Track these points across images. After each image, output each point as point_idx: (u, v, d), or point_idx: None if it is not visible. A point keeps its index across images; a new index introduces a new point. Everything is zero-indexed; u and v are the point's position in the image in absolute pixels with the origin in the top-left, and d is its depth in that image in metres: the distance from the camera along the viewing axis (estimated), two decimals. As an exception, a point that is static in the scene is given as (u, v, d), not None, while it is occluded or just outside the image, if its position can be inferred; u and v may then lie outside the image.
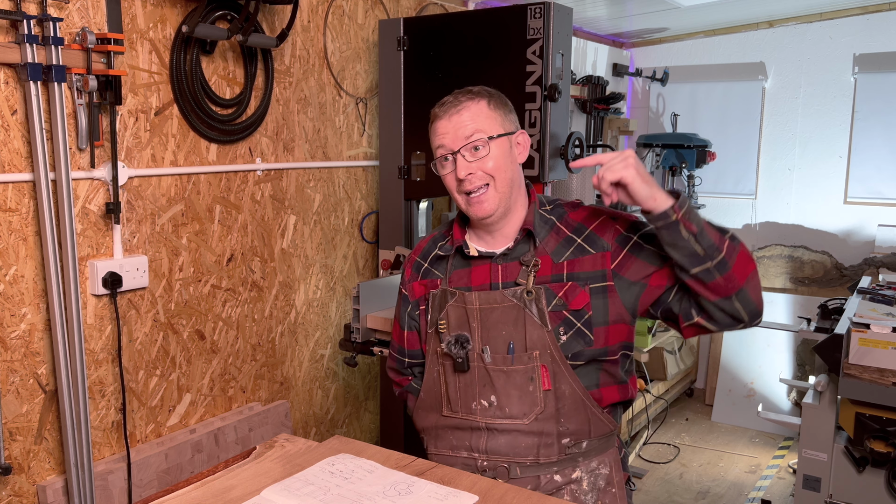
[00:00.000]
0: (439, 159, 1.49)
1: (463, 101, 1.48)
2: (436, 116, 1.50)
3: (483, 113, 1.48)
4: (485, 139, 1.46)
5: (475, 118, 1.46)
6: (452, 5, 3.34)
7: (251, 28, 2.29)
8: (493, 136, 1.47)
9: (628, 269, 1.45)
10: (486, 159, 1.45)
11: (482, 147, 1.46)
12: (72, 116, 1.96)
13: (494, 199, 1.46)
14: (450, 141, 1.46)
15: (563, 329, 1.45)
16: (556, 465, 1.48)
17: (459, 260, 1.56)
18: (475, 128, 1.46)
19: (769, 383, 4.25)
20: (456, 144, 1.45)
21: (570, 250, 1.48)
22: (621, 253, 1.46)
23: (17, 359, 1.93)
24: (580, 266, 1.46)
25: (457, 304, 1.51)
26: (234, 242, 2.50)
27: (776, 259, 4.44)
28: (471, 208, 1.48)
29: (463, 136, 1.45)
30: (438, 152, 1.49)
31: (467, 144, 1.45)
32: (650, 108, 4.82)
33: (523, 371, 1.46)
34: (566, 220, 1.52)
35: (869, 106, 4.08)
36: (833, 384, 2.58)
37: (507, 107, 1.53)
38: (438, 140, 1.48)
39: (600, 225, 1.49)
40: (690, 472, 3.68)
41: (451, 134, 1.46)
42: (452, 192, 1.50)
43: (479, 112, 1.47)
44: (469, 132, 1.45)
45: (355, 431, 3.15)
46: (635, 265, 1.45)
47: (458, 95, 1.50)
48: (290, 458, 1.40)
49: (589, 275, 1.46)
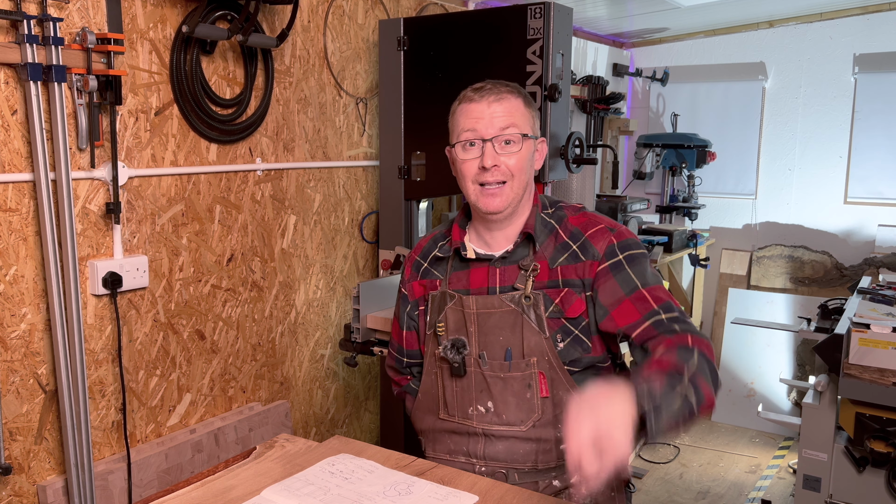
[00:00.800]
0: (462, 142, 1.45)
1: (503, 92, 1.44)
2: (469, 99, 1.45)
3: (520, 110, 1.45)
4: (519, 135, 1.43)
5: (513, 112, 1.44)
6: (452, 5, 3.34)
7: (251, 28, 2.29)
8: (526, 135, 1.44)
9: (603, 286, 1.42)
10: (514, 156, 1.42)
11: (514, 142, 1.43)
12: (72, 116, 1.96)
13: (507, 197, 1.44)
14: (483, 127, 1.42)
15: (561, 336, 1.43)
16: (554, 471, 1.47)
17: (458, 261, 1.54)
18: (512, 121, 1.43)
19: (769, 383, 4.25)
20: (489, 132, 1.42)
21: (564, 256, 1.46)
22: (605, 264, 1.43)
23: (18, 359, 1.93)
24: (573, 273, 1.44)
25: (455, 307, 1.49)
26: (235, 242, 2.50)
27: (776, 259, 4.44)
28: (482, 199, 1.44)
29: (499, 126, 1.42)
30: (465, 136, 1.44)
31: (501, 135, 1.42)
32: (650, 108, 4.82)
33: (521, 378, 1.44)
34: (565, 224, 1.50)
35: (869, 106, 4.09)
36: (833, 384, 2.58)
37: (536, 111, 1.51)
38: (469, 123, 1.44)
39: (596, 233, 1.46)
40: (690, 472, 3.68)
41: (485, 120, 1.42)
42: (465, 181, 1.46)
43: (517, 108, 1.45)
44: (505, 124, 1.42)
45: (355, 431, 3.15)
46: (609, 284, 1.41)
47: (497, 85, 1.46)
48: (290, 458, 1.40)
49: (582, 282, 1.44)
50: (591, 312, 1.45)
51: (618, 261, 1.42)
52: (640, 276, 1.41)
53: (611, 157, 4.47)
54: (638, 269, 1.42)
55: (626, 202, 3.89)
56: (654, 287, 1.41)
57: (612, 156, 4.18)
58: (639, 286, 1.40)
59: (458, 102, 1.48)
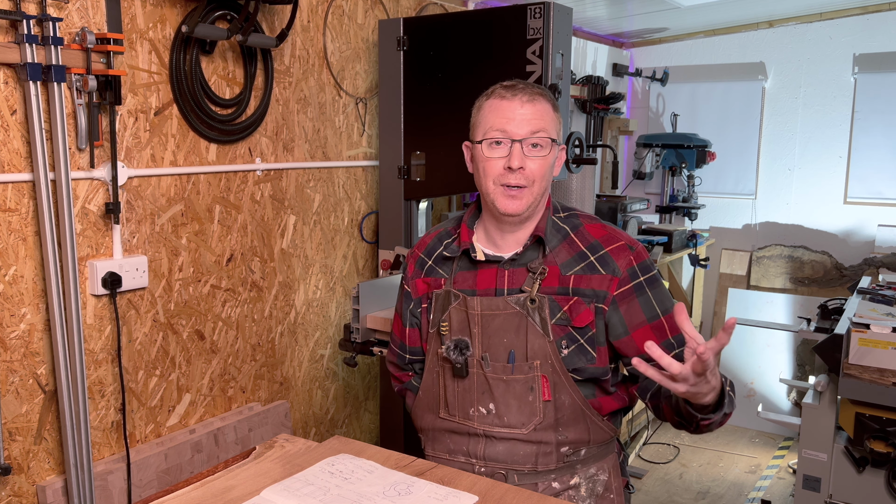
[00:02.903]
0: (489, 140, 1.42)
1: (536, 94, 1.42)
2: (500, 96, 1.42)
3: (550, 114, 1.43)
4: (548, 140, 1.42)
5: (543, 115, 1.42)
6: (452, 5, 3.33)
7: (251, 28, 2.29)
8: (554, 140, 1.43)
9: (625, 305, 1.44)
10: (539, 160, 1.41)
11: (542, 147, 1.41)
12: (71, 116, 1.96)
13: (527, 201, 1.42)
14: (515, 127, 1.40)
15: (566, 343, 1.43)
16: (554, 473, 1.46)
17: (466, 262, 1.52)
18: (542, 125, 1.41)
19: (769, 383, 4.25)
20: (519, 133, 1.40)
21: (580, 265, 1.45)
22: (628, 284, 1.44)
23: (17, 359, 1.93)
24: (587, 283, 1.43)
25: (459, 307, 1.48)
26: (234, 242, 2.50)
27: (776, 259, 4.44)
28: (502, 200, 1.42)
29: (529, 128, 1.40)
30: (493, 134, 1.41)
31: (530, 138, 1.40)
32: (650, 108, 4.82)
33: (523, 381, 1.43)
34: (581, 232, 1.48)
35: (869, 106, 4.09)
36: (833, 384, 2.58)
37: (561, 118, 1.49)
38: (500, 122, 1.41)
39: (617, 249, 1.46)
40: (690, 472, 3.68)
41: (517, 120, 1.40)
42: (486, 179, 1.43)
43: (547, 112, 1.43)
44: (537, 127, 1.40)
45: (355, 431, 3.15)
46: (632, 305, 1.44)
47: (529, 85, 1.44)
48: (289, 458, 1.40)
49: (595, 293, 1.43)
50: (598, 324, 1.45)
51: (640, 283, 1.45)
52: (660, 302, 1.46)
53: (610, 157, 4.47)
54: (657, 293, 1.47)
55: (626, 202, 3.89)
56: (670, 316, 1.46)
57: (611, 156, 4.18)
58: (659, 314, 1.45)
59: (487, 98, 1.45)
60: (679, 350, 1.42)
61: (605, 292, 1.43)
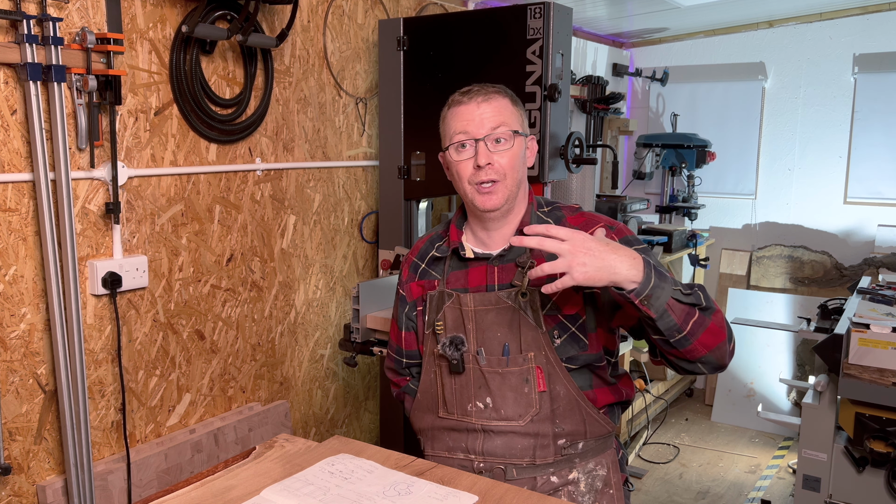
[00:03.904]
0: (455, 145, 1.48)
1: (491, 92, 1.48)
2: (458, 102, 1.49)
3: (508, 108, 1.49)
4: (510, 132, 1.46)
5: (502, 111, 1.47)
6: (452, 5, 3.33)
7: (251, 28, 2.29)
8: (516, 132, 1.47)
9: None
10: (506, 154, 1.45)
11: (506, 140, 1.46)
12: (71, 116, 1.96)
13: (503, 194, 1.46)
14: (474, 128, 1.46)
15: (558, 332, 1.46)
16: (552, 467, 1.48)
17: (456, 261, 1.56)
18: (501, 120, 1.46)
19: (769, 383, 4.25)
20: (480, 132, 1.45)
21: None
22: None
23: (17, 359, 1.93)
24: None
25: (453, 305, 1.51)
26: (234, 242, 2.50)
27: (776, 259, 4.44)
28: (478, 197, 1.47)
29: (489, 125, 1.45)
30: (457, 138, 1.47)
31: (492, 134, 1.45)
32: (650, 108, 4.82)
33: (518, 373, 1.46)
34: (564, 224, 1.52)
35: (869, 106, 4.09)
36: (833, 384, 2.58)
37: (524, 109, 1.54)
38: (461, 126, 1.47)
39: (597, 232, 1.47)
40: (690, 472, 3.68)
41: (476, 121, 1.46)
42: (461, 182, 1.49)
43: (505, 106, 1.48)
44: (495, 123, 1.46)
45: (355, 431, 3.15)
46: None
47: (484, 86, 1.50)
48: (289, 458, 1.40)
49: None
50: (588, 310, 1.47)
51: None
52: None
53: (610, 157, 4.47)
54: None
55: (626, 202, 3.89)
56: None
57: (611, 156, 4.18)
58: None
59: (448, 108, 1.52)
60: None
61: None
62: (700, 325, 1.32)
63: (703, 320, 1.32)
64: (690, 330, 1.31)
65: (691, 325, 1.31)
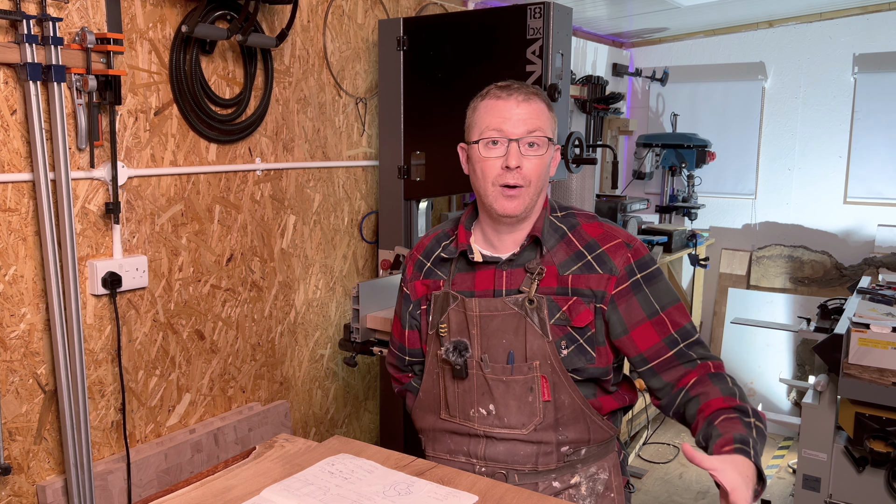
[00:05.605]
0: (486, 140, 1.41)
1: (531, 94, 1.42)
2: (496, 96, 1.42)
3: (545, 114, 1.43)
4: (545, 139, 1.41)
5: (539, 115, 1.42)
6: (452, 5, 3.33)
7: (251, 28, 2.29)
8: (550, 139, 1.43)
9: (624, 304, 1.43)
10: (536, 159, 1.40)
11: (539, 146, 1.41)
12: (71, 116, 1.96)
13: (525, 201, 1.42)
14: (511, 126, 1.39)
15: (565, 343, 1.43)
16: (554, 472, 1.46)
17: (464, 263, 1.52)
18: (538, 124, 1.41)
19: (769, 383, 4.25)
20: (516, 132, 1.39)
21: (578, 265, 1.44)
22: (625, 283, 1.43)
23: (17, 359, 1.93)
24: (585, 283, 1.43)
25: (458, 308, 1.48)
26: (234, 242, 2.50)
27: (776, 259, 4.44)
28: (500, 201, 1.41)
29: (525, 127, 1.39)
30: (490, 134, 1.41)
31: (527, 137, 1.40)
32: (650, 108, 4.82)
33: (523, 381, 1.43)
34: (579, 232, 1.48)
35: (869, 106, 4.09)
36: (833, 384, 2.58)
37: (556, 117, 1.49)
38: (496, 122, 1.40)
39: (614, 248, 1.45)
40: (690, 471, 3.68)
41: (512, 120, 1.39)
42: (483, 181, 1.43)
43: (543, 111, 1.43)
44: (532, 126, 1.40)
45: (355, 431, 3.15)
46: (631, 304, 1.43)
47: (525, 86, 1.44)
48: (289, 458, 1.40)
49: (594, 293, 1.43)
50: (598, 324, 1.44)
51: (637, 281, 1.43)
52: (659, 297, 1.44)
53: (610, 156, 4.47)
54: (656, 289, 1.44)
55: (626, 202, 3.89)
56: (671, 310, 1.44)
57: (611, 156, 4.18)
58: (659, 310, 1.43)
59: (482, 98, 1.45)
60: (683, 344, 1.42)
61: (603, 292, 1.43)
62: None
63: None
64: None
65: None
